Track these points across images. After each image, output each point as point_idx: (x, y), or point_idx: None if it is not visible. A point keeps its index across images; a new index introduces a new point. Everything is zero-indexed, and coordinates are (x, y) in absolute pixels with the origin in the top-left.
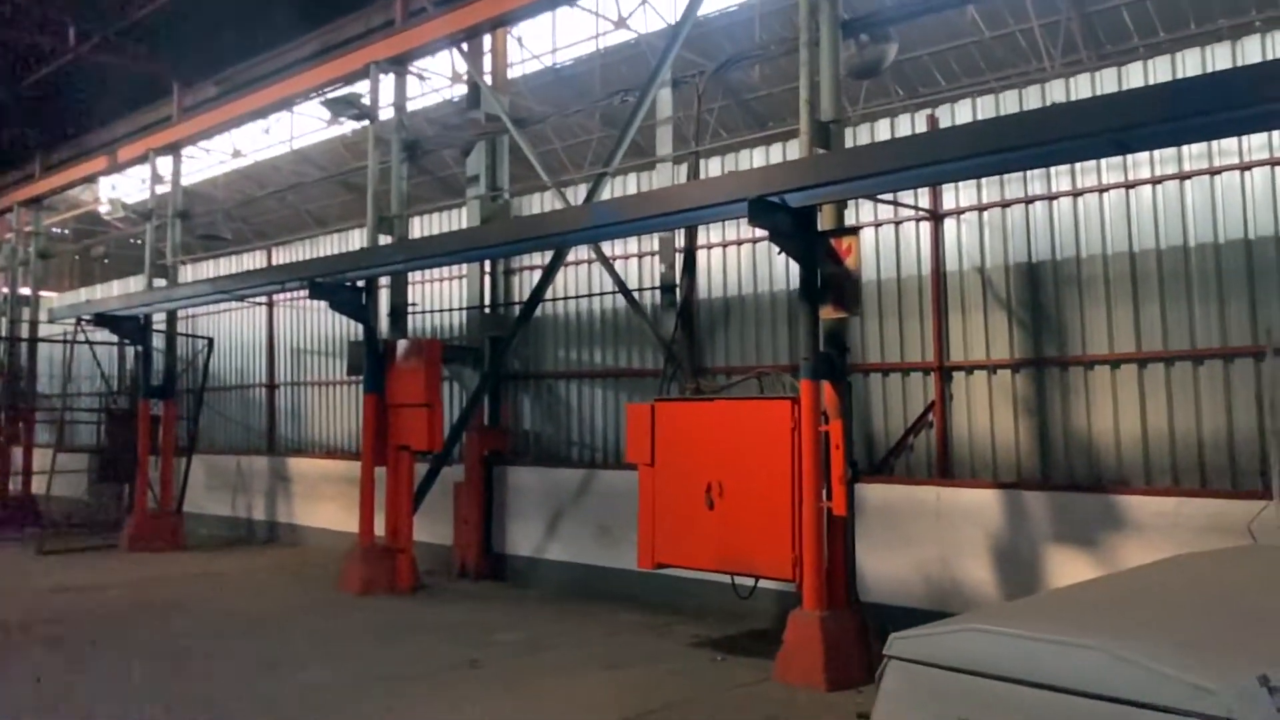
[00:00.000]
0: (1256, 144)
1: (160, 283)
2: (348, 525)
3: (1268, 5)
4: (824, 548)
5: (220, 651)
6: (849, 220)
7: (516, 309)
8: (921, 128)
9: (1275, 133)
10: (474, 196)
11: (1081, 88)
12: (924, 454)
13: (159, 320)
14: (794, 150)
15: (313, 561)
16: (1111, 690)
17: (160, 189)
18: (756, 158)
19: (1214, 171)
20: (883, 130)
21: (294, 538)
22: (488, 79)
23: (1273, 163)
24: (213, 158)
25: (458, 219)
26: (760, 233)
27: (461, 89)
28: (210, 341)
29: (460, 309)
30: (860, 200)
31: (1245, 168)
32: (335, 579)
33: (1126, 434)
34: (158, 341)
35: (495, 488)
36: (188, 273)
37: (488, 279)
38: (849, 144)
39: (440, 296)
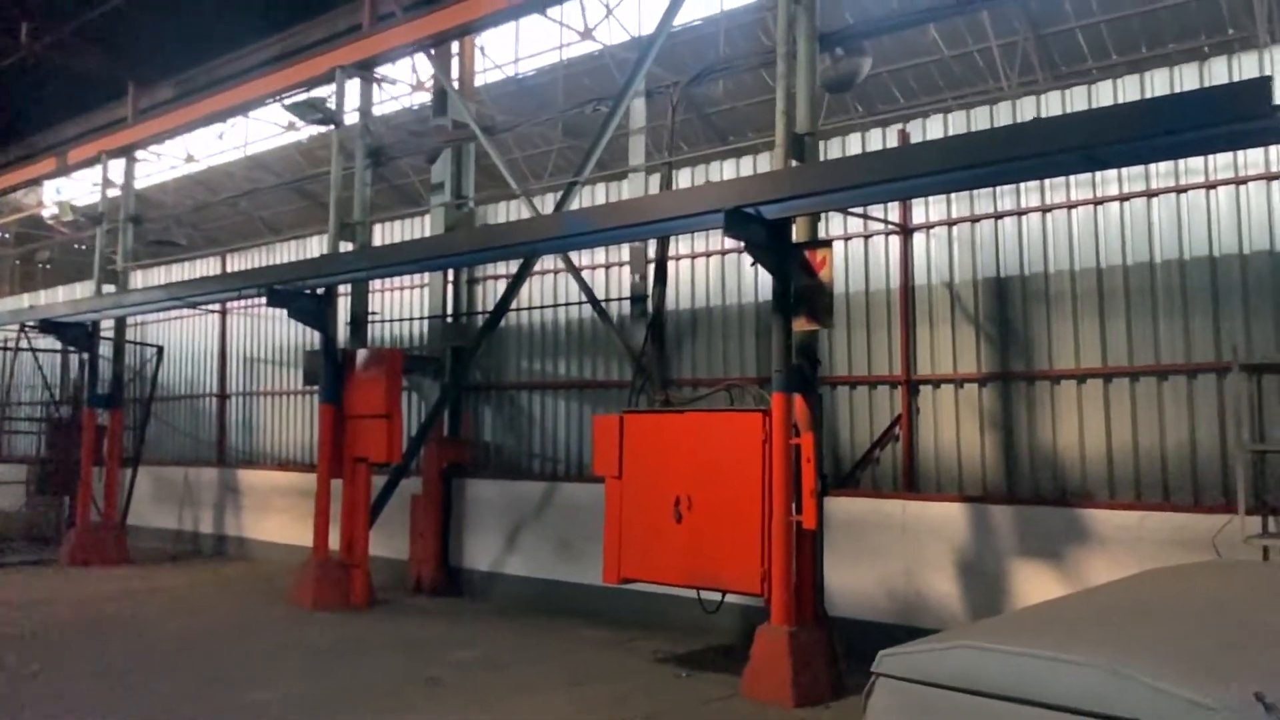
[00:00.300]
0: (1222, 163)
1: (110, 288)
2: (299, 539)
3: (1216, 31)
4: (793, 562)
5: (165, 671)
6: (820, 233)
7: (479, 319)
8: (892, 142)
9: (1240, 152)
10: (439, 204)
11: (1052, 105)
12: (890, 467)
13: (106, 327)
14: (762, 164)
15: (263, 576)
16: (1109, 707)
17: (111, 192)
18: (727, 170)
19: (1180, 190)
20: (853, 145)
21: (243, 552)
22: (455, 85)
23: (1237, 181)
24: (164, 163)
25: (419, 227)
26: (728, 244)
27: (422, 96)
28: (160, 350)
29: (421, 318)
30: (830, 214)
31: (1210, 186)
32: (286, 594)
33: (1091, 448)
34: (104, 349)
35: (454, 501)
36: (137, 279)
37: (450, 288)
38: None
39: (400, 305)
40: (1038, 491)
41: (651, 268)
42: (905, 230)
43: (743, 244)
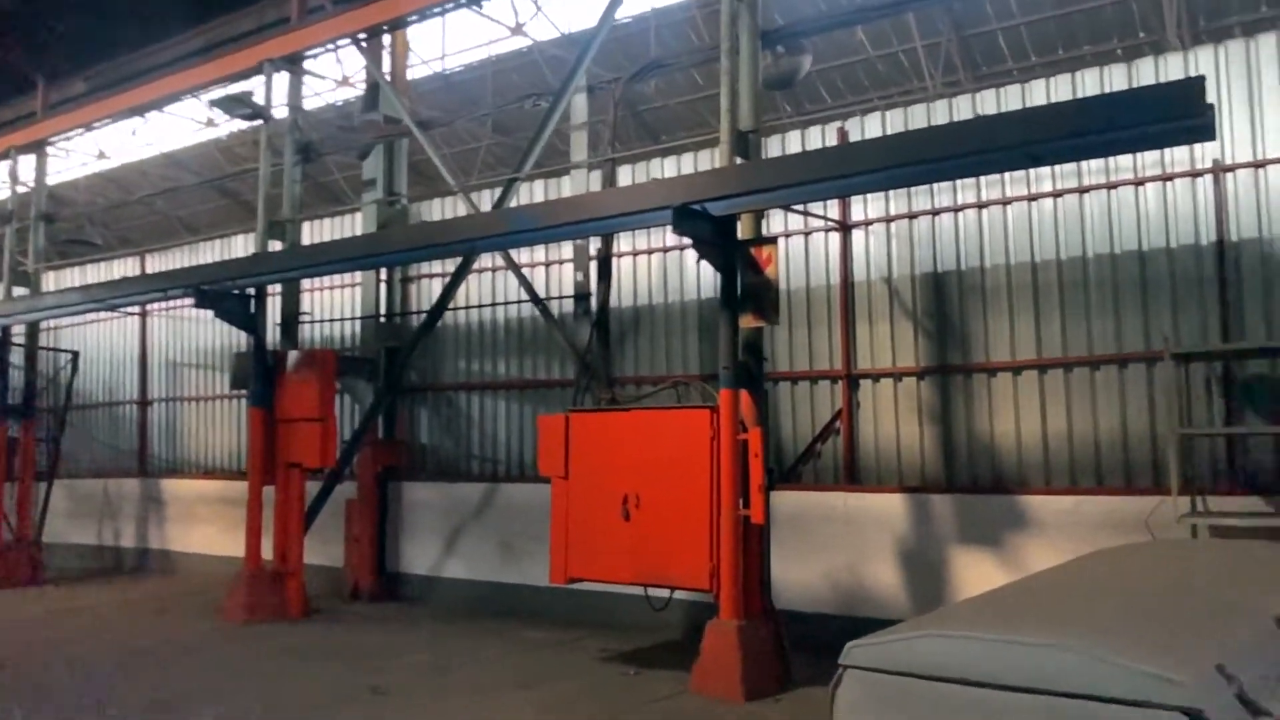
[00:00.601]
0: (1150, 160)
1: (21, 291)
2: (228, 549)
3: (1128, 34)
4: (742, 557)
5: (96, 696)
6: (763, 231)
7: (414, 318)
8: (831, 141)
9: (1166, 151)
10: (370, 201)
11: (986, 104)
12: (832, 461)
13: (17, 333)
14: (702, 162)
15: (191, 590)
16: (1079, 687)
17: (19, 190)
18: (667, 168)
19: (1111, 186)
20: (792, 144)
21: (168, 565)
22: (387, 79)
23: (1164, 178)
24: (74, 160)
25: (349, 225)
26: (671, 241)
27: (348, 93)
28: (75, 355)
29: (354, 318)
30: (772, 211)
31: (1139, 183)
32: (218, 608)
33: (1027, 437)
34: (15, 356)
35: (390, 505)
36: (49, 281)
37: (384, 287)
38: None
39: (332, 305)
40: (975, 481)
41: (594, 265)
42: (845, 227)
43: (689, 241)
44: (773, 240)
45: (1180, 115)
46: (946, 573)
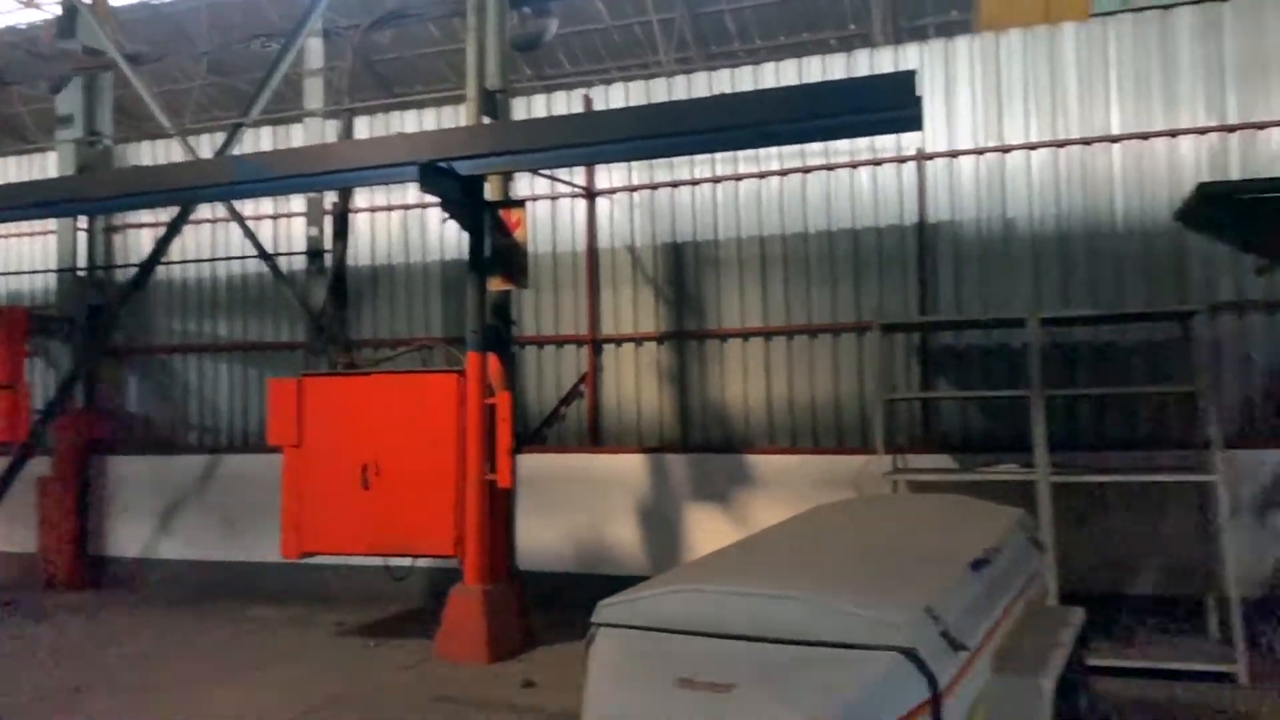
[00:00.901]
0: (863, 145)
1: None
2: None
3: (841, 25)
4: (489, 521)
5: None
6: (511, 194)
7: (120, 273)
8: (576, 107)
9: (878, 138)
10: (67, 140)
11: (722, 84)
12: (576, 423)
13: None
14: (446, 119)
15: None
16: (811, 634)
17: None
18: (408, 122)
19: (830, 168)
20: (538, 108)
21: None
22: (86, 2)
23: (875, 163)
24: None
25: (41, 166)
26: (413, 199)
27: (37, 14)
28: None
29: (46, 271)
30: (520, 175)
31: (854, 166)
32: None
33: (754, 400)
34: None
35: (94, 482)
36: None
37: (83, 237)
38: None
39: (21, 257)
40: (708, 441)
41: (330, 220)
42: (591, 194)
43: (433, 200)
44: (521, 203)
45: (896, 105)
46: (682, 529)
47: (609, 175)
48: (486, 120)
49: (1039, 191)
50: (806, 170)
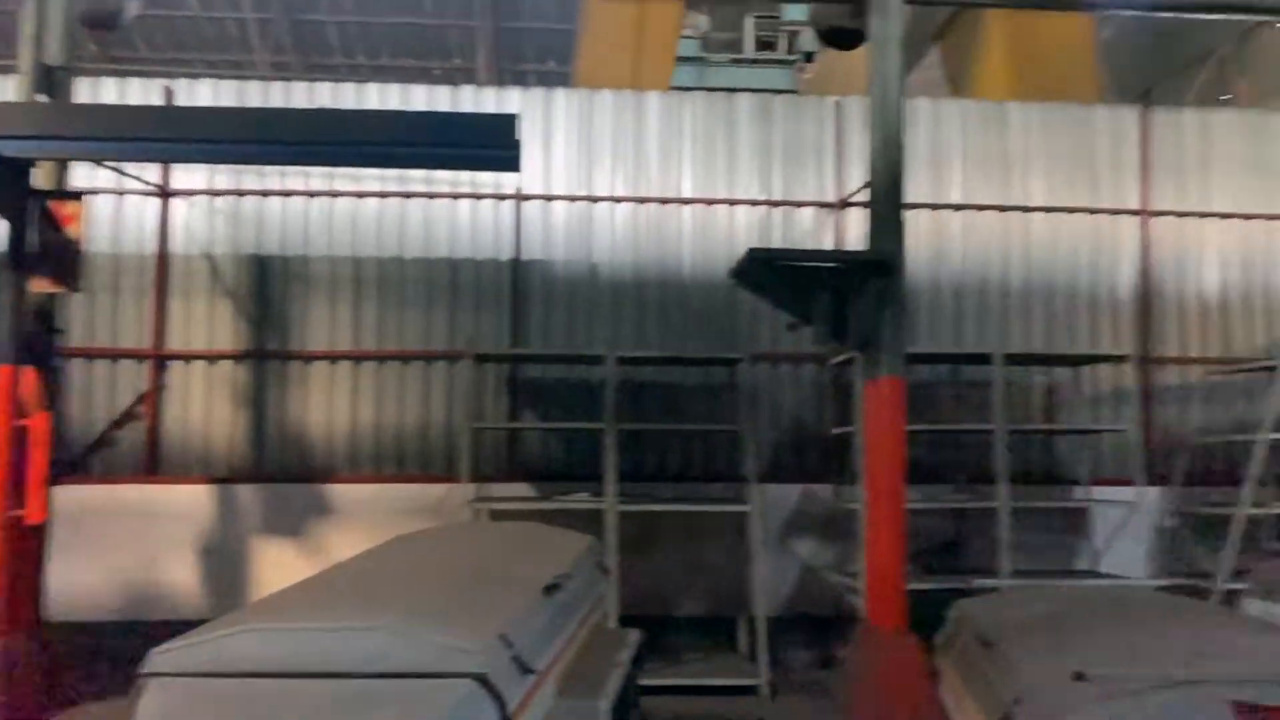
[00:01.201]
0: (465, 179)
1: None
2: None
3: (445, 57)
4: (12, 564)
5: None
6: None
7: None
8: (154, 96)
9: (479, 174)
10: None
11: (321, 97)
12: (130, 450)
13: None
14: None
15: None
16: (386, 666)
17: None
18: None
19: (431, 196)
20: (106, 92)
21: None
22: None
23: (476, 197)
24: None
25: None
26: None
27: None
28: None
29: None
30: (80, 164)
31: (456, 197)
32: None
33: (338, 426)
34: None
35: None
36: None
37: None
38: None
39: None
40: (285, 469)
41: None
42: (165, 193)
43: None
44: (78, 195)
45: (498, 145)
46: (251, 566)
47: (188, 175)
48: (43, 98)
49: (621, 240)
50: (407, 195)
